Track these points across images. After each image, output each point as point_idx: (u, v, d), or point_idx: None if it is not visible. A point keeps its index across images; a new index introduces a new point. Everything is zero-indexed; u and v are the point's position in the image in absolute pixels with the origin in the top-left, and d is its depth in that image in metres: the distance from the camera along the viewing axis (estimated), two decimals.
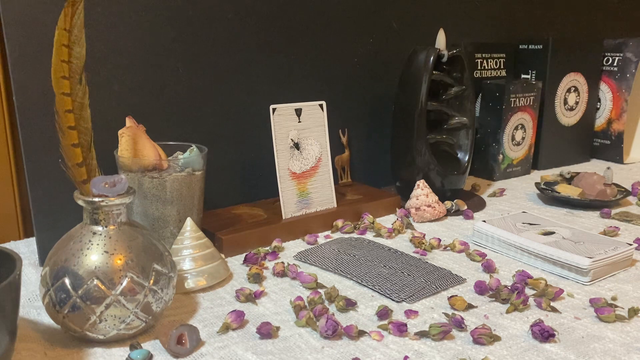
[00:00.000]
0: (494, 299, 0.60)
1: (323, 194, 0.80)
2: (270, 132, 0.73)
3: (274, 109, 0.74)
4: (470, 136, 0.89)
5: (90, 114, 0.51)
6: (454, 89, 0.88)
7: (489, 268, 0.67)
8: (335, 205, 0.81)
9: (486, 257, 0.70)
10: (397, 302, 0.59)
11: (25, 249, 0.72)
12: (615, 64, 1.19)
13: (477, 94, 1.06)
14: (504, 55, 1.13)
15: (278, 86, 0.84)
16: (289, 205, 0.76)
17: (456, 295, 0.58)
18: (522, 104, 1.05)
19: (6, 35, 0.62)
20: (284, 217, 0.76)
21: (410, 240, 0.75)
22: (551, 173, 1.04)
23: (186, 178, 0.65)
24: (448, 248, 0.73)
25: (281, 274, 0.65)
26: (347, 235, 0.77)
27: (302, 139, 0.76)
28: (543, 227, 0.74)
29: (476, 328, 0.52)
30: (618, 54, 1.18)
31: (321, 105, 0.78)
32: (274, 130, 0.74)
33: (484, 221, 0.75)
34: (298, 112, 0.75)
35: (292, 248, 0.73)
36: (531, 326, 0.53)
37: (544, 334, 0.52)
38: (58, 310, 0.48)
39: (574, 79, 1.15)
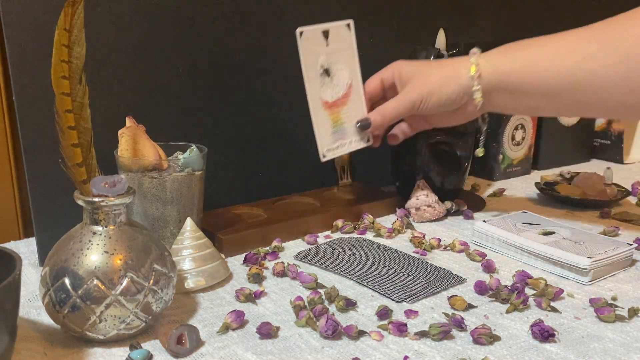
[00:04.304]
0: (494, 299, 0.60)
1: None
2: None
3: (300, 32, 0.67)
4: (471, 136, 0.89)
5: (90, 114, 0.51)
6: None
7: (489, 268, 0.67)
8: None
9: (486, 257, 0.70)
10: (397, 302, 0.59)
11: (25, 249, 0.72)
12: None
13: None
14: None
15: (278, 87, 0.84)
16: (325, 138, 0.71)
17: (456, 295, 0.58)
18: None
19: (6, 35, 0.62)
20: (321, 154, 0.70)
21: (410, 240, 0.75)
22: (551, 173, 1.04)
23: (186, 178, 0.65)
24: (448, 248, 0.73)
25: (281, 274, 0.65)
26: (347, 235, 0.77)
27: (331, 64, 0.70)
28: (543, 227, 0.74)
29: (476, 328, 0.52)
30: None
31: (348, 25, 0.72)
32: (302, 57, 0.67)
33: (484, 221, 0.75)
34: (325, 34, 0.69)
35: (292, 248, 0.73)
36: (531, 326, 0.53)
37: (544, 334, 0.52)
38: (58, 310, 0.48)
39: None
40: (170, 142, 0.70)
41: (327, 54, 0.70)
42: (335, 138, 0.72)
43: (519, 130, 1.06)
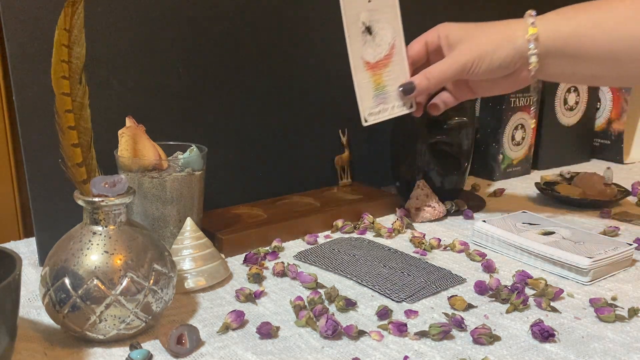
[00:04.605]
0: (494, 299, 0.60)
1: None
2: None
3: None
4: (471, 136, 0.89)
5: (90, 114, 0.51)
6: None
7: (489, 268, 0.67)
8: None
9: (486, 257, 0.70)
10: (397, 302, 0.59)
11: (25, 249, 0.72)
12: None
13: None
14: None
15: (278, 87, 0.84)
16: (366, 101, 0.67)
17: (456, 295, 0.58)
18: (522, 104, 1.05)
19: (6, 35, 0.62)
20: (362, 118, 0.67)
21: (410, 240, 0.75)
22: (551, 173, 1.04)
23: (186, 178, 0.65)
24: (448, 248, 0.73)
25: (281, 274, 0.65)
26: (347, 235, 0.77)
27: (373, 22, 0.66)
28: (543, 227, 0.74)
29: (476, 328, 0.52)
30: None
31: None
32: (344, 12, 0.65)
33: (484, 221, 0.75)
34: None
35: (292, 248, 0.73)
36: (531, 326, 0.53)
37: (544, 334, 0.52)
38: (58, 310, 0.48)
39: None
40: (170, 142, 0.70)
41: (369, 11, 0.66)
42: (377, 102, 0.68)
43: (519, 130, 1.06)
